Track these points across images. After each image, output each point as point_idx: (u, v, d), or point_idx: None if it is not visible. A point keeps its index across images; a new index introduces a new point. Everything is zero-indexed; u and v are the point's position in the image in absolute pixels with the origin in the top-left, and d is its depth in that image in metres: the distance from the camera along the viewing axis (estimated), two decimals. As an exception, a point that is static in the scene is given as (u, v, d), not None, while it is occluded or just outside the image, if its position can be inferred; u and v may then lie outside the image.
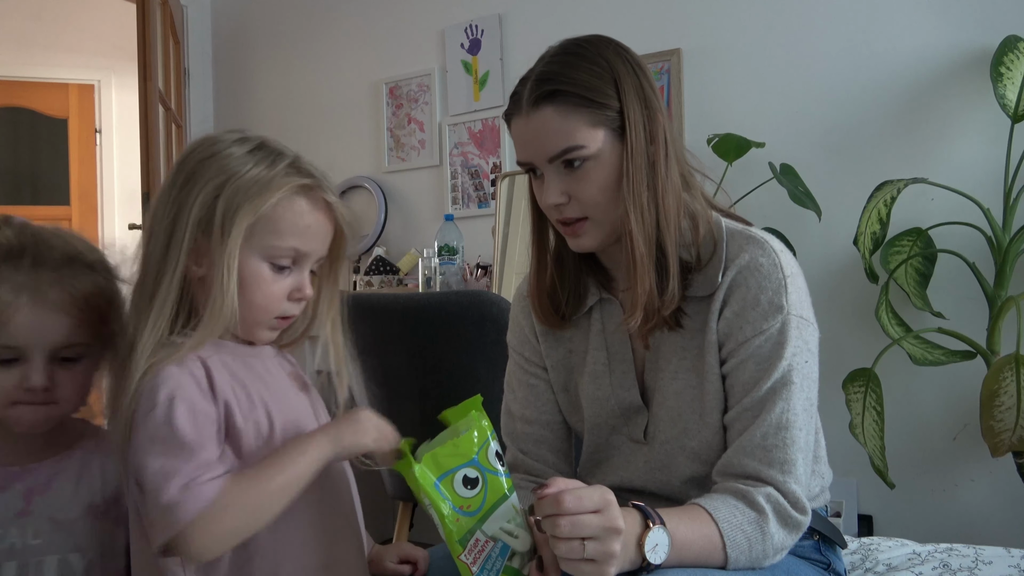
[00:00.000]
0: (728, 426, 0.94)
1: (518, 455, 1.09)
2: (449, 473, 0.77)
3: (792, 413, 0.89)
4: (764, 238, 0.95)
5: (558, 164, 0.93)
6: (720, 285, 0.93)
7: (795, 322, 0.91)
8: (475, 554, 0.75)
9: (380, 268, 2.72)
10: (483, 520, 0.76)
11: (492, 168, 2.74)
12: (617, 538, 0.74)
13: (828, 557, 1.02)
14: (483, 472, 0.78)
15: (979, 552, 1.16)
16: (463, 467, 0.77)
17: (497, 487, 0.78)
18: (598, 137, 0.92)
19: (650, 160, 0.93)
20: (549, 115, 0.92)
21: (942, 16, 2.05)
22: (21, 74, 4.37)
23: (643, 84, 0.94)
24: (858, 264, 1.97)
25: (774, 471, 0.88)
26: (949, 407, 2.02)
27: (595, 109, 0.91)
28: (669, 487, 1.00)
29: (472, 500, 0.77)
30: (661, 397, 0.99)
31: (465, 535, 0.76)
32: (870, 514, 2.12)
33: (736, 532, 0.85)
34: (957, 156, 2.03)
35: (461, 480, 0.77)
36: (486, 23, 2.74)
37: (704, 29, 2.36)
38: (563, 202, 0.94)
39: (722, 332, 0.93)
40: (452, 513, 0.76)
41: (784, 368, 0.90)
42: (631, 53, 0.96)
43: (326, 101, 3.14)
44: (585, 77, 0.92)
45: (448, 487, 0.77)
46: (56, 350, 0.85)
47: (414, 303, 1.78)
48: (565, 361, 1.08)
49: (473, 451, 0.78)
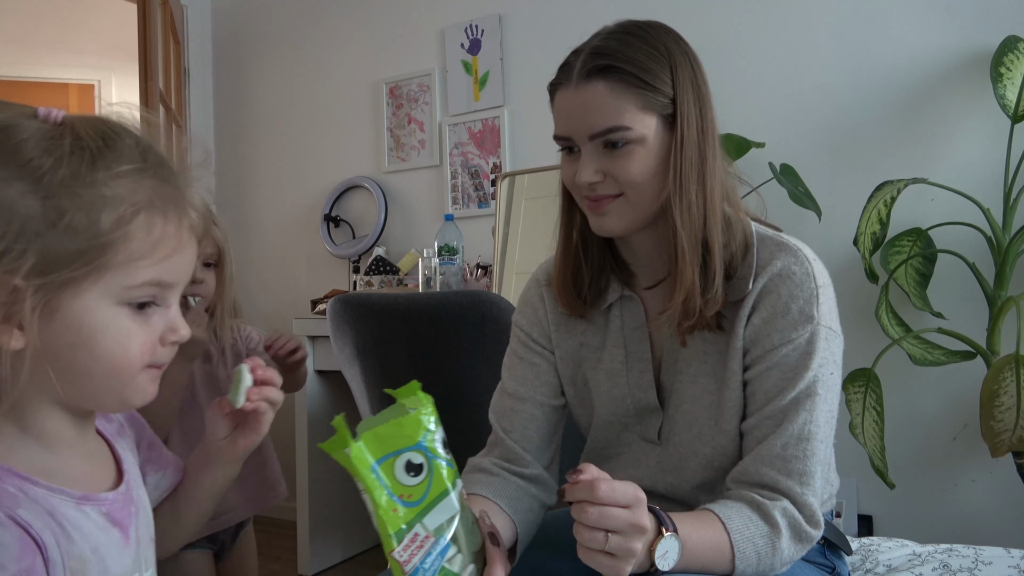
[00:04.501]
0: (746, 433, 0.92)
1: (500, 434, 1.04)
2: (390, 456, 0.67)
3: (814, 425, 0.88)
4: (797, 246, 0.94)
5: (599, 143, 0.90)
6: (750, 291, 0.92)
7: (824, 333, 0.90)
8: (411, 550, 0.66)
9: (380, 268, 2.72)
10: (424, 512, 0.67)
11: (492, 168, 2.73)
12: (641, 537, 0.74)
13: (833, 561, 1.01)
14: (429, 458, 0.68)
15: (979, 552, 1.16)
16: (407, 450, 0.67)
17: (443, 477, 0.68)
18: (646, 121, 0.88)
19: (701, 153, 0.90)
20: (600, 90, 0.88)
21: (942, 16, 2.05)
22: (21, 74, 4.37)
23: (698, 76, 0.92)
24: (858, 264, 1.97)
25: (792, 482, 0.87)
26: (949, 407, 2.02)
27: (648, 92, 0.88)
28: (679, 490, 0.99)
29: (414, 489, 0.67)
30: (678, 400, 0.97)
31: (402, 528, 0.66)
32: (870, 514, 2.12)
33: (747, 544, 0.84)
34: (957, 156, 2.03)
35: (404, 465, 0.67)
36: (486, 23, 2.74)
37: (704, 29, 2.35)
38: (597, 180, 0.91)
39: (748, 338, 0.92)
40: (389, 502, 0.66)
41: (810, 379, 0.88)
42: (688, 45, 0.94)
43: (326, 101, 3.14)
44: (642, 58, 0.89)
45: (388, 472, 0.67)
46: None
47: (414, 303, 1.77)
48: (575, 353, 1.06)
49: (420, 434, 0.68)
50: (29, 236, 0.58)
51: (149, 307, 0.65)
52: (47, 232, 0.58)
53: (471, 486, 0.98)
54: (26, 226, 0.58)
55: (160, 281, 0.64)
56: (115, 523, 0.67)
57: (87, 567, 0.62)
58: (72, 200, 0.59)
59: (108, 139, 0.62)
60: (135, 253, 0.61)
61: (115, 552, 0.66)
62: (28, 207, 0.58)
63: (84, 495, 0.65)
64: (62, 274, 0.59)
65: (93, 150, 0.61)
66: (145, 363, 0.65)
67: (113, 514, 0.67)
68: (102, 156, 0.61)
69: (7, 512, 0.58)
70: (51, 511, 0.61)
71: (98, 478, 0.69)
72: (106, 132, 0.63)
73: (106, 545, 0.65)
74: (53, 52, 4.37)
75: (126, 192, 0.61)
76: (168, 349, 0.67)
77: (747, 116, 2.27)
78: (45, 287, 0.59)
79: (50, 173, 0.59)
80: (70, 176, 0.59)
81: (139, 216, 0.61)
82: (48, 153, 0.59)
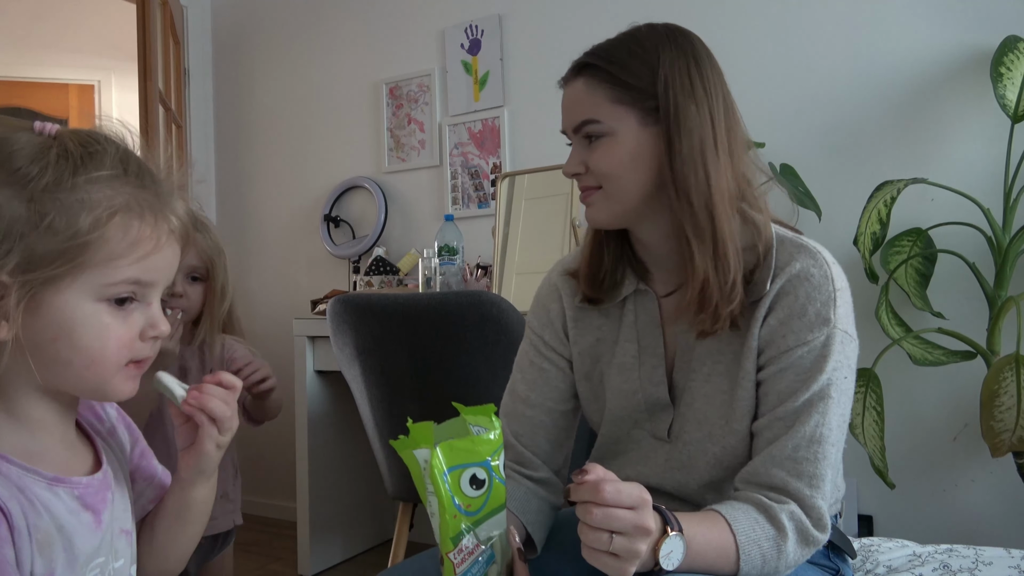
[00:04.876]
0: (757, 433, 0.92)
1: (510, 438, 1.06)
2: (460, 467, 0.74)
3: (827, 428, 0.88)
4: (816, 248, 0.94)
5: (581, 136, 0.95)
6: (768, 292, 0.92)
7: (840, 336, 0.90)
8: (464, 555, 0.73)
9: (380, 268, 2.72)
10: (480, 523, 0.75)
11: (492, 168, 2.73)
12: (645, 538, 0.74)
13: (837, 564, 1.01)
14: (491, 476, 0.76)
15: (979, 553, 1.16)
16: (475, 465, 0.75)
17: (500, 495, 0.76)
18: (617, 114, 0.92)
19: (701, 148, 0.91)
20: (579, 87, 0.95)
21: (942, 16, 2.05)
22: (21, 74, 4.37)
23: (693, 74, 0.93)
24: (858, 264, 1.97)
25: (802, 484, 0.87)
26: (949, 407, 2.02)
27: (619, 87, 0.92)
28: (686, 488, 0.99)
29: (474, 500, 0.75)
30: (690, 398, 0.97)
31: (459, 534, 0.74)
32: (870, 514, 2.12)
33: (752, 547, 0.84)
34: (957, 156, 2.03)
35: (469, 478, 0.75)
36: (486, 23, 2.74)
37: (704, 29, 2.35)
38: (580, 172, 0.96)
39: (764, 339, 0.92)
40: (452, 507, 0.74)
41: (824, 382, 0.88)
42: (696, 45, 0.96)
43: (326, 101, 3.14)
44: (621, 55, 0.93)
45: (455, 481, 0.74)
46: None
47: (414, 303, 1.77)
48: (592, 349, 1.06)
49: (488, 453, 0.76)
50: (14, 237, 0.63)
51: (129, 304, 0.69)
52: (30, 233, 0.63)
53: None
54: (12, 227, 0.63)
55: (138, 279, 0.68)
56: (87, 507, 0.70)
57: (52, 542, 0.66)
58: (54, 204, 0.64)
59: (91, 148, 0.67)
60: (113, 253, 0.66)
61: (84, 533, 0.69)
62: (14, 210, 0.63)
63: (56, 477, 0.69)
64: (44, 272, 0.64)
65: (76, 158, 0.66)
66: (124, 358, 0.69)
67: (86, 498, 0.71)
68: (83, 164, 0.66)
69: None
70: (21, 488, 0.66)
71: (76, 465, 0.73)
72: (90, 142, 0.68)
73: (74, 526, 0.68)
74: (53, 52, 4.37)
75: (103, 196, 0.66)
76: (149, 344, 0.71)
77: (747, 116, 2.23)
78: (29, 283, 0.64)
79: (35, 180, 0.64)
80: (53, 182, 0.64)
81: (115, 218, 0.66)
82: (35, 162, 0.65)
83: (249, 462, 3.33)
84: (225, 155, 3.43)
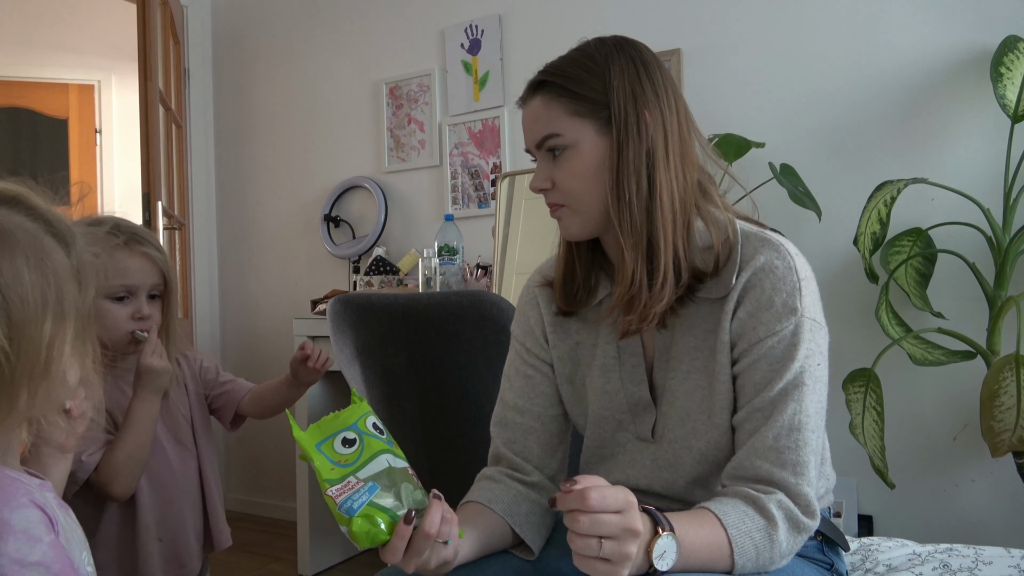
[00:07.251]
0: (737, 427, 0.93)
1: (501, 448, 1.08)
2: (329, 437, 0.84)
3: (804, 415, 0.90)
4: (779, 241, 0.96)
5: (544, 152, 0.97)
6: (734, 287, 0.94)
7: (808, 325, 0.91)
8: (343, 491, 0.79)
9: (380, 268, 2.72)
10: (358, 469, 0.81)
11: (492, 168, 2.74)
12: (634, 541, 0.74)
13: (831, 558, 1.02)
14: (360, 435, 0.84)
15: (979, 552, 1.16)
16: (342, 431, 0.84)
17: (374, 445, 0.83)
18: (576, 126, 0.94)
19: (649, 154, 0.93)
20: (536, 104, 0.97)
21: (942, 16, 2.05)
22: (21, 74, 4.37)
23: (643, 82, 0.95)
24: (858, 264, 1.97)
25: (786, 472, 0.88)
26: (949, 407, 2.03)
27: (575, 100, 0.94)
28: (675, 487, 1.00)
29: (348, 456, 0.82)
30: (671, 396, 0.99)
31: (337, 478, 0.80)
32: (870, 514, 2.12)
33: (745, 539, 0.85)
34: (957, 156, 2.03)
35: (340, 441, 0.83)
36: (486, 23, 2.74)
37: (704, 29, 2.36)
38: (547, 187, 0.98)
39: (735, 332, 0.93)
40: (326, 464, 0.81)
41: (797, 370, 0.90)
42: (643, 53, 0.98)
43: (326, 101, 3.15)
44: (573, 70, 0.95)
45: (328, 448, 0.83)
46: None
47: (414, 303, 1.77)
48: (572, 353, 1.08)
49: (352, 419, 0.85)
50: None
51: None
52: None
53: (471, 495, 1.02)
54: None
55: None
56: (60, 504, 0.79)
57: (70, 543, 0.74)
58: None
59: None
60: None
61: (74, 528, 0.79)
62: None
63: (41, 480, 0.76)
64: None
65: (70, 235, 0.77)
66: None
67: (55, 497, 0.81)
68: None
69: (29, 497, 0.70)
70: (44, 500, 0.73)
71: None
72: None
73: (72, 526, 0.77)
74: (53, 52, 4.37)
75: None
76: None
77: (747, 116, 2.27)
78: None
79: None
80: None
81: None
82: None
83: (249, 462, 3.34)
84: (225, 155, 3.43)
